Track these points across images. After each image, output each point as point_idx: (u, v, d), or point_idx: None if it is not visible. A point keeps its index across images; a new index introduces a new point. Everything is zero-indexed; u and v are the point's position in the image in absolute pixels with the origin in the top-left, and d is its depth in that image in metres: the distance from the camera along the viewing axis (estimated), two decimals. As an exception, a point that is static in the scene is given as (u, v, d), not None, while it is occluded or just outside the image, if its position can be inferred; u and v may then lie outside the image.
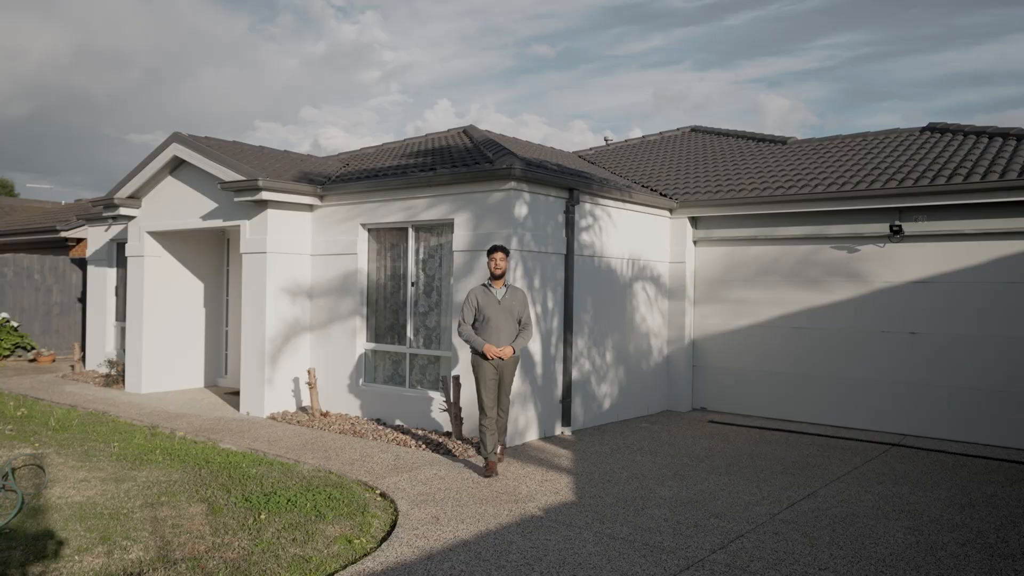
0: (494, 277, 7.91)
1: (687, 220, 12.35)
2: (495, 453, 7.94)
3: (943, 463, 8.89)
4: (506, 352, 7.81)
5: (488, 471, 7.82)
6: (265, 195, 10.92)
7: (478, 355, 7.86)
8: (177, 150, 12.21)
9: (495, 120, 76.59)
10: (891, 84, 70.05)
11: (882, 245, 10.75)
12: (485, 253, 8.83)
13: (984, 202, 9.83)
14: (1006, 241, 9.89)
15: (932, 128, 13.16)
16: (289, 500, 6.73)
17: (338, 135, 65.11)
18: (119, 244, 15.86)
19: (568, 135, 67.43)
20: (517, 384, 9.44)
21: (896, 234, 10.50)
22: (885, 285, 10.74)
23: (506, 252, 7.89)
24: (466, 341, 7.91)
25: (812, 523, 6.47)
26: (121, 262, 15.75)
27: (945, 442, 10.05)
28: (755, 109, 70.19)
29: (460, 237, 9.85)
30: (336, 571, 5.20)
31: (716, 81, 76.71)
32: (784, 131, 17.38)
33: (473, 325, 7.98)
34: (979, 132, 12.19)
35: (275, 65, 77.96)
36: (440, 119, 70.70)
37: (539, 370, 9.88)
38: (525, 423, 9.64)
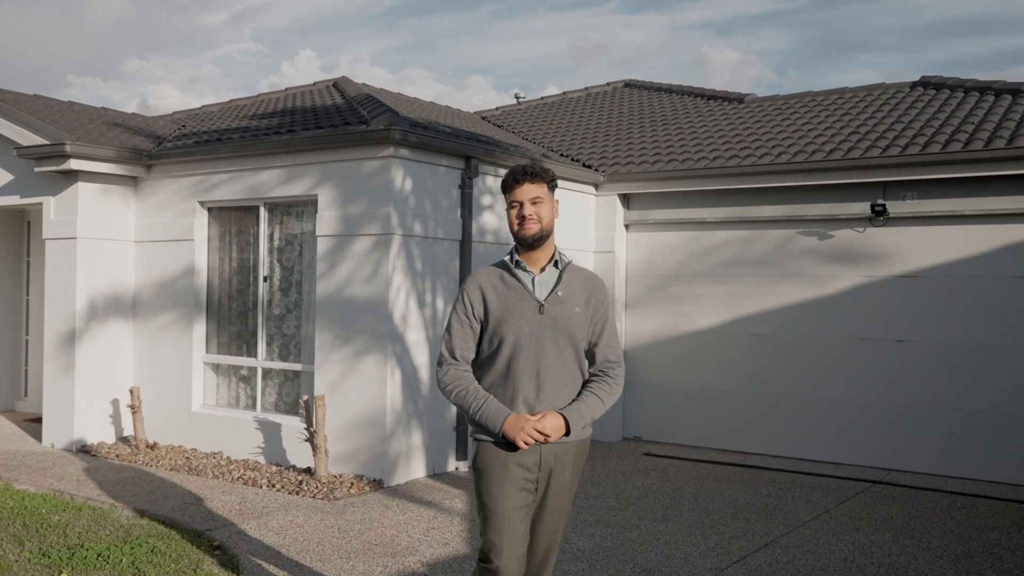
0: (525, 245, 4.36)
1: (617, 199, 12.30)
2: None
3: (935, 504, 8.96)
4: (552, 427, 4.16)
5: None
6: (75, 164, 10.78)
7: (486, 435, 4.24)
8: (-41, 105, 12.04)
9: (372, 75, 76.47)
10: (869, 32, 71.18)
11: (861, 230, 10.75)
12: (501, 189, 4.49)
13: (989, 175, 9.86)
14: (1016, 224, 9.96)
15: (925, 83, 13.36)
16: (100, 555, 6.74)
17: (172, 93, 64.71)
18: None
19: (465, 95, 67.52)
20: (396, 403, 9.40)
21: (879, 216, 10.52)
22: (865, 280, 10.72)
23: (549, 182, 4.41)
24: (456, 405, 4.42)
25: (767, 582, 6.47)
26: None
27: (939, 478, 10.14)
28: (698, 63, 70.75)
29: (326, 218, 9.86)
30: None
31: (649, 27, 76.98)
32: (735, 90, 17.63)
33: (476, 362, 4.41)
34: (982, 88, 12.35)
35: (94, 6, 76.56)
36: (302, 74, 70.42)
37: (425, 390, 9.90)
38: (408, 456, 9.70)
